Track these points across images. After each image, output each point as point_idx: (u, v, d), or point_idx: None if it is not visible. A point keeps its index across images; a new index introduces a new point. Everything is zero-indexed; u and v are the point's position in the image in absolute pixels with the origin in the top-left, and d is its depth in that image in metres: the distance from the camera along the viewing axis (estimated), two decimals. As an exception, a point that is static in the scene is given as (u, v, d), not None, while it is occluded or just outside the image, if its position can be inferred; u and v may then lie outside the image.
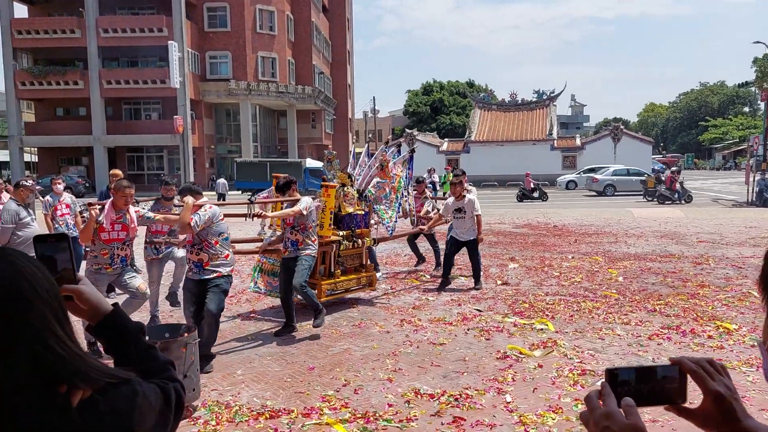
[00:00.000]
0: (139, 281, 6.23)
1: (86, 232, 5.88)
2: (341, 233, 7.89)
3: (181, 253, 7.21)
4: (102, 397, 1.05)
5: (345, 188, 8.03)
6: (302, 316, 7.44)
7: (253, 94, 41.65)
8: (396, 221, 8.97)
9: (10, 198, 8.04)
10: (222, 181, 32.96)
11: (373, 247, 8.97)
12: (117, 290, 6.94)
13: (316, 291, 7.30)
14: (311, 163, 35.85)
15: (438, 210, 10.35)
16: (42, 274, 1.04)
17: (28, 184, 8.01)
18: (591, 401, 1.02)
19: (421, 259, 10.92)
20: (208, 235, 5.68)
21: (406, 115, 68.11)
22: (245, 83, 41.25)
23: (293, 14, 46.74)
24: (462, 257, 9.79)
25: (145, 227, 7.03)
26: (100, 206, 6.01)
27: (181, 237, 6.24)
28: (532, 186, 28.85)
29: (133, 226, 6.07)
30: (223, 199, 30.98)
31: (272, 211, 7.36)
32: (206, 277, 5.67)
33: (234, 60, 42.32)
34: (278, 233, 7.51)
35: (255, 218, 7.06)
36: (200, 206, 5.70)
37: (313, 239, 6.76)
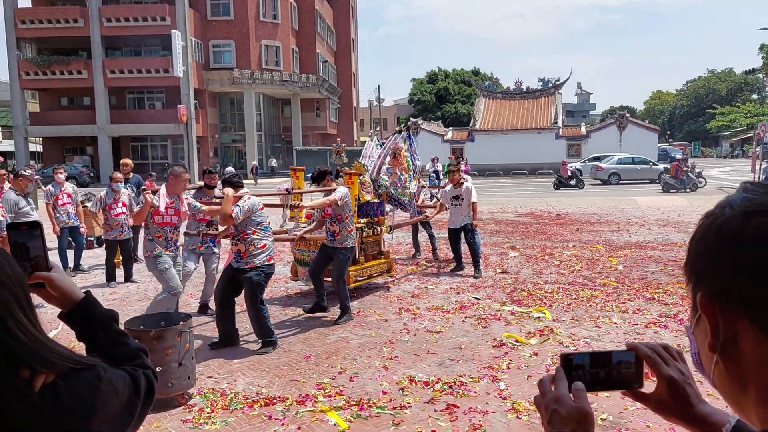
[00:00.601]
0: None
1: (140, 215, 6.05)
2: (362, 221, 8.05)
3: (191, 265, 7.23)
4: (64, 382, 1.06)
5: (361, 177, 8.17)
6: (304, 303, 7.48)
7: (257, 83, 41.58)
8: (415, 200, 9.15)
9: (10, 188, 8.08)
10: (230, 169, 33.05)
11: (388, 234, 9.12)
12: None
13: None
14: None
15: (437, 198, 10.41)
16: (6, 262, 1.05)
17: (27, 173, 8.05)
18: (543, 385, 1.03)
19: (417, 250, 10.97)
20: (247, 225, 5.80)
21: (411, 103, 67.89)
22: (249, 72, 41.18)
23: (297, 2, 46.55)
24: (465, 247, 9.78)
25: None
26: (153, 191, 6.13)
27: (221, 228, 6.43)
28: (569, 174, 28.61)
29: (184, 210, 6.26)
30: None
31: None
32: (243, 266, 5.83)
33: (237, 48, 42.23)
34: (302, 226, 7.65)
35: (293, 208, 7.18)
36: (240, 197, 5.83)
37: (350, 229, 6.85)
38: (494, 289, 8.20)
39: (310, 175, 7.66)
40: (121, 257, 9.17)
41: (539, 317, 6.77)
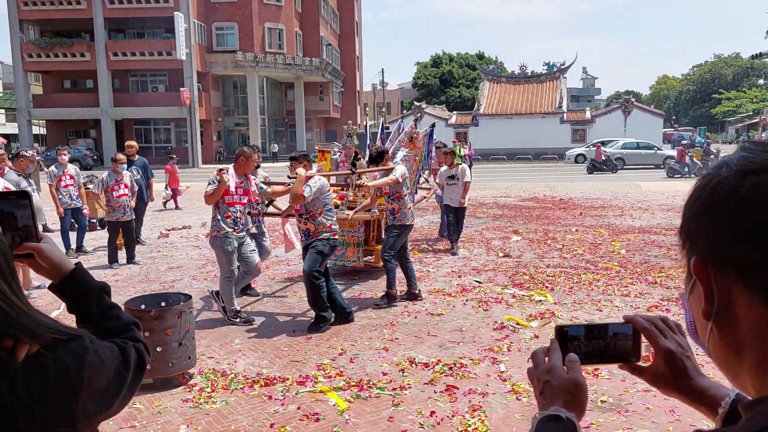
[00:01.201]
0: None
1: (214, 196, 6.01)
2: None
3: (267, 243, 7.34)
4: (49, 353, 1.05)
5: (361, 160, 8.24)
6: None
7: (260, 66, 41.34)
8: (415, 194, 9.16)
9: (11, 168, 8.07)
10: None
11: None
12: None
13: (374, 257, 8.00)
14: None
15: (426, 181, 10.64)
16: None
17: (28, 154, 8.05)
18: (536, 357, 1.01)
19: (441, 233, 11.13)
20: (315, 205, 5.95)
21: (415, 87, 67.50)
22: (252, 55, 40.93)
23: (300, -15, 46.18)
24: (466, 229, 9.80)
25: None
26: (225, 170, 6.08)
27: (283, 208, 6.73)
28: (603, 158, 28.39)
29: (253, 190, 6.29)
30: None
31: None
32: (310, 242, 5.99)
33: (240, 31, 41.93)
34: (344, 210, 7.75)
35: (357, 188, 7.34)
36: (310, 177, 5.94)
37: (408, 207, 6.91)
38: (496, 272, 8.19)
39: (368, 154, 7.74)
40: (123, 239, 9.18)
41: (541, 300, 6.76)
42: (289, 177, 6.50)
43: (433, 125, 10.58)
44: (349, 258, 8.05)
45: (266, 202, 7.21)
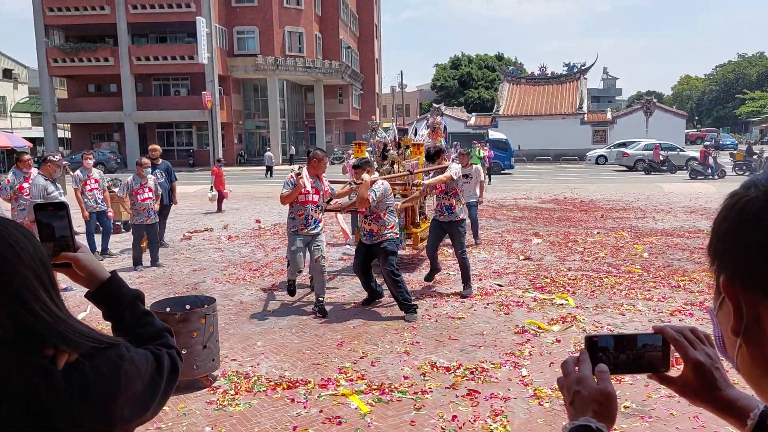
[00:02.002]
0: (317, 254, 6.67)
1: (290, 197, 6.51)
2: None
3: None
4: (87, 361, 1.08)
5: (407, 150, 9.16)
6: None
7: (281, 69, 41.62)
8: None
9: (39, 173, 8.23)
10: (269, 154, 33.55)
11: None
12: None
13: (412, 240, 8.87)
14: (494, 134, 33.03)
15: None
16: (28, 241, 1.07)
17: (55, 159, 8.19)
18: (566, 367, 1.02)
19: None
20: (379, 208, 6.44)
21: (434, 89, 67.48)
22: (272, 58, 41.21)
23: (320, -12, 46.41)
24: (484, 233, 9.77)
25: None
26: (296, 173, 6.56)
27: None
28: (661, 158, 28.01)
29: (326, 190, 6.79)
30: (271, 173, 31.28)
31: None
32: (376, 241, 6.52)
33: (261, 35, 42.25)
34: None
35: (415, 186, 7.85)
36: (374, 182, 6.44)
37: (462, 203, 7.48)
38: (517, 275, 8.16)
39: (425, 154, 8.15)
40: (147, 241, 9.30)
41: (562, 304, 6.73)
42: (354, 182, 6.88)
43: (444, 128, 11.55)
44: None
45: (327, 199, 7.62)
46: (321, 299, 6.67)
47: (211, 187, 16.21)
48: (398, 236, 6.61)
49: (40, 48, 40.01)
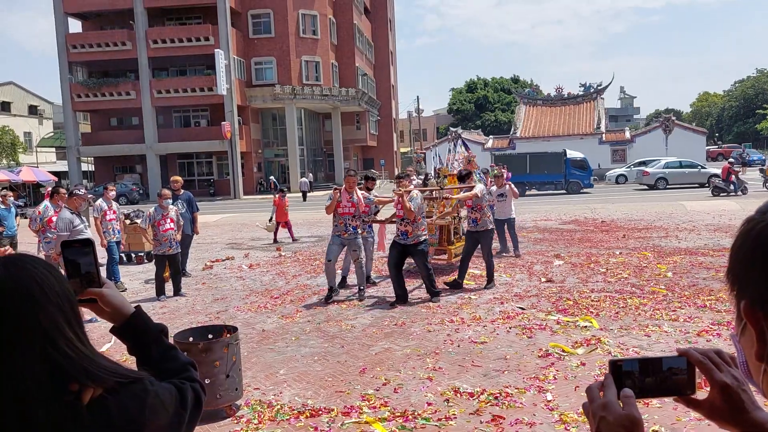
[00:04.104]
0: (357, 257, 8.35)
1: (330, 208, 8.24)
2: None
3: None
4: (112, 396, 1.10)
5: (445, 179, 11.00)
6: (349, 314, 7.52)
7: (298, 98, 42.15)
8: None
9: (64, 206, 8.39)
10: (304, 179, 34.21)
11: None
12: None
13: (447, 255, 10.31)
14: (572, 153, 31.96)
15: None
16: (54, 278, 1.09)
17: (80, 193, 8.35)
18: (591, 392, 1.02)
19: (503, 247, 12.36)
20: (417, 212, 7.96)
21: (451, 113, 67.79)
22: (290, 87, 41.78)
23: (335, 17, 47.09)
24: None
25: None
26: (338, 189, 8.36)
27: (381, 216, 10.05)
28: (734, 178, 27.28)
29: (360, 203, 8.32)
30: (305, 198, 31.79)
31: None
32: (410, 242, 8.05)
33: (279, 65, 42.92)
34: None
35: (445, 200, 9.77)
36: (409, 191, 8.02)
37: (488, 215, 8.89)
38: (539, 298, 8.09)
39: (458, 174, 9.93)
40: (169, 271, 9.40)
41: (586, 326, 6.65)
42: (395, 192, 8.38)
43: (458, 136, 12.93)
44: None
45: (375, 211, 9.53)
46: (362, 288, 8.49)
47: (271, 217, 16.11)
48: (428, 237, 8.36)
49: (64, 84, 41.01)
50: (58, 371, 1.04)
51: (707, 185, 26.86)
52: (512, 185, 11.77)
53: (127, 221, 13.09)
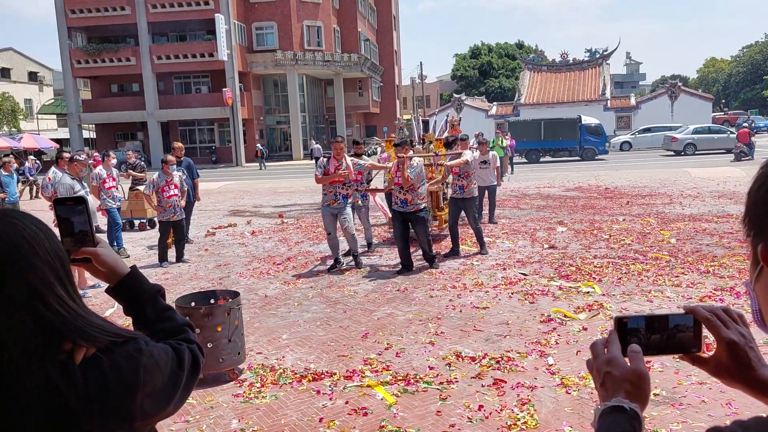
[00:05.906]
0: (346, 225, 8.12)
1: (327, 179, 8.03)
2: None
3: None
4: (105, 355, 1.07)
5: (431, 144, 10.63)
6: (351, 280, 7.54)
7: (300, 64, 41.67)
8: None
9: (65, 172, 8.36)
10: (317, 146, 34.27)
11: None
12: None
13: (438, 221, 10.57)
14: (587, 119, 31.68)
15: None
16: (43, 235, 1.06)
17: (81, 158, 8.31)
18: (596, 348, 1.00)
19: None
20: (415, 181, 7.78)
21: (454, 79, 67.09)
22: (291, 53, 41.27)
23: (337, -19, 46.33)
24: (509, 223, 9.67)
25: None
26: (326, 158, 8.22)
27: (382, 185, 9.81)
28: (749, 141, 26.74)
29: (350, 170, 8.10)
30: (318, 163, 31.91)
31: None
32: (410, 210, 7.90)
33: (280, 30, 42.33)
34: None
35: (440, 167, 9.60)
36: (410, 159, 7.83)
37: (474, 183, 8.86)
38: (542, 264, 8.09)
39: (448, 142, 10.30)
40: (173, 238, 9.40)
41: (588, 292, 6.65)
42: (397, 157, 8.09)
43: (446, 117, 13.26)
44: None
45: (368, 179, 9.30)
46: (356, 254, 8.41)
47: None
48: (428, 205, 8.19)
49: (64, 50, 40.59)
50: (49, 329, 1.01)
51: (734, 150, 26.34)
52: (497, 156, 11.65)
53: (132, 172, 13.38)
